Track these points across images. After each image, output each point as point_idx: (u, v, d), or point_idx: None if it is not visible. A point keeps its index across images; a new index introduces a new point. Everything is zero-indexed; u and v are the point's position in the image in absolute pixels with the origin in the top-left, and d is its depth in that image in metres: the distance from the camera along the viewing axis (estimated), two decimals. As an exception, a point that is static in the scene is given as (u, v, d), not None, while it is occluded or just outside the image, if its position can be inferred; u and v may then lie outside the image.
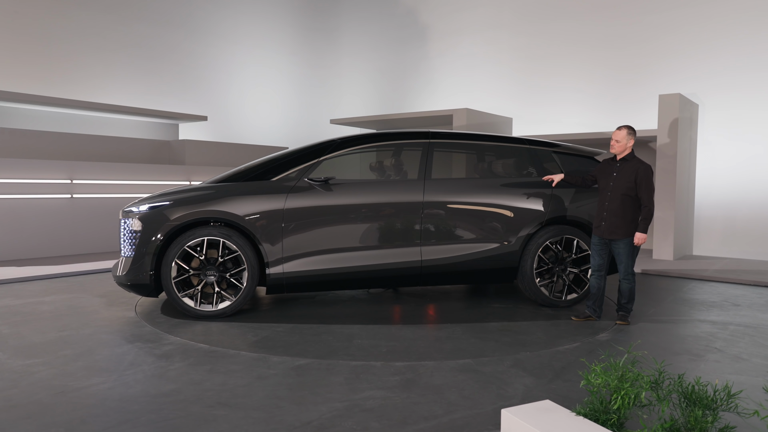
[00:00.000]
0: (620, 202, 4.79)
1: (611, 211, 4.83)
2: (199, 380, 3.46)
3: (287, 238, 5.05)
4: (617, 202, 4.81)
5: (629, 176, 4.80)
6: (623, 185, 4.80)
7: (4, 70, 9.45)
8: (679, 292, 6.50)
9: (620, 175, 4.85)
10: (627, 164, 4.87)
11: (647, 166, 4.84)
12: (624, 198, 4.79)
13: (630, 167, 4.84)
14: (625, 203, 4.79)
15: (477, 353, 4.08)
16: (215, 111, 12.65)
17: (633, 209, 4.80)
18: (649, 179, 4.77)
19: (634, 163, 4.85)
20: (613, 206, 4.82)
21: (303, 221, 5.08)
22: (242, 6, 13.35)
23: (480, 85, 12.69)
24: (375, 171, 5.97)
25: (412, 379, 3.54)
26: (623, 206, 4.79)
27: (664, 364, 3.38)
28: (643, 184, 4.75)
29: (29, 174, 7.96)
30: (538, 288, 5.49)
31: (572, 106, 11.15)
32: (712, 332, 4.72)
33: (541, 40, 11.70)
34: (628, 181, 4.79)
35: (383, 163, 6.08)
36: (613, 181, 4.88)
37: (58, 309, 5.21)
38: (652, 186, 4.78)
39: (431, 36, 13.77)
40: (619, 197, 4.80)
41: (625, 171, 4.84)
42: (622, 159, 4.91)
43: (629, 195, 4.79)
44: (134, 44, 11.30)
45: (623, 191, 4.79)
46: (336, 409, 3.05)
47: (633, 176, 4.78)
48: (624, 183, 4.80)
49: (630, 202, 4.80)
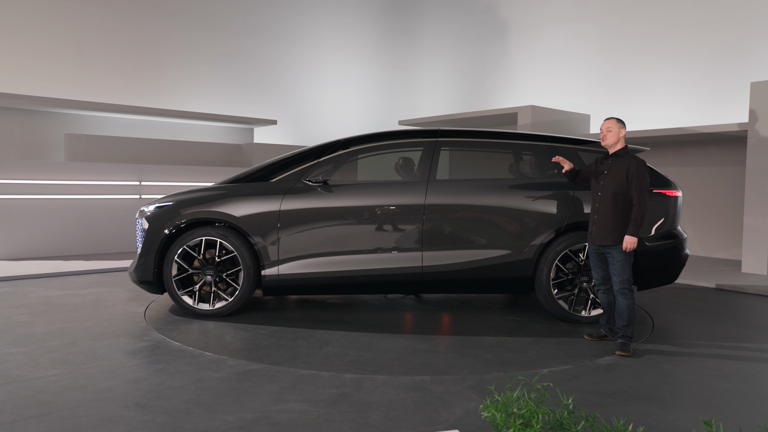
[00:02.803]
0: (611, 202, 4.18)
1: (601, 213, 4.23)
2: (141, 378, 3.50)
3: (283, 239, 4.99)
4: (608, 203, 4.20)
5: (620, 172, 4.17)
6: (614, 183, 4.18)
7: (102, 84, 10.42)
8: (763, 315, 5.58)
9: (611, 172, 4.24)
10: (618, 160, 4.24)
11: (641, 160, 4.19)
12: (615, 198, 4.17)
13: (621, 163, 4.21)
14: (616, 204, 4.17)
15: (442, 370, 3.74)
16: (294, 115, 13.03)
17: (626, 211, 4.18)
18: (642, 174, 4.12)
19: (626, 158, 4.22)
20: (604, 208, 4.22)
21: (299, 223, 5.00)
22: (324, 12, 13.61)
23: (561, 81, 11.89)
24: (399, 171, 5.70)
25: (348, 393, 3.32)
26: (615, 207, 4.18)
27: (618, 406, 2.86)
28: (635, 180, 4.11)
29: (103, 176, 8.67)
30: (556, 301, 4.96)
31: (662, 99, 10.06)
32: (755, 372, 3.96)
33: (628, 29, 10.69)
34: (619, 178, 4.17)
35: (409, 162, 5.80)
36: (603, 179, 4.27)
37: (84, 302, 5.58)
38: (645, 182, 4.13)
39: (511, 31, 13.15)
40: (610, 197, 4.19)
41: (617, 167, 4.22)
42: (613, 154, 4.29)
43: (621, 194, 4.16)
44: (219, 54, 11.94)
45: (614, 190, 4.18)
46: (241, 420, 2.92)
47: (624, 172, 4.15)
48: (615, 181, 4.18)
49: (622, 203, 4.17)
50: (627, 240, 4.12)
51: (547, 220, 4.97)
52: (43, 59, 9.77)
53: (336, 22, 13.87)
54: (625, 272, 4.19)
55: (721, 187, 9.12)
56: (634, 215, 4.13)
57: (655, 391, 3.41)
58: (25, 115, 9.28)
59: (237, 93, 12.27)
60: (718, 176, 9.15)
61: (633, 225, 4.12)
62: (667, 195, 5.14)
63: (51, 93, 9.67)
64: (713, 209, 9.22)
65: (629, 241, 4.12)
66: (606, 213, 4.21)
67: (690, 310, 5.63)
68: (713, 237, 9.22)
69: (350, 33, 14.17)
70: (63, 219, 8.37)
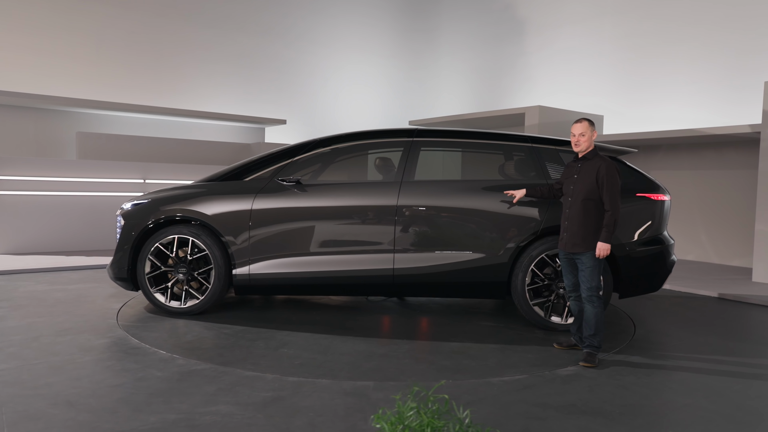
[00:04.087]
0: (581, 208, 3.99)
1: (572, 219, 4.03)
2: (83, 376, 3.49)
3: (254, 239, 4.95)
4: (578, 209, 4.00)
5: (590, 176, 3.97)
6: (584, 188, 3.98)
7: (120, 84, 10.64)
8: (759, 326, 5.29)
9: (581, 176, 4.04)
10: (588, 163, 4.04)
11: (611, 162, 3.99)
12: (586, 203, 3.98)
13: (591, 166, 4.01)
14: (587, 209, 3.98)
15: (391, 376, 3.63)
16: (309, 114, 13.04)
17: (597, 217, 3.97)
18: (612, 178, 3.92)
19: (595, 161, 4.02)
20: (574, 214, 4.02)
21: (271, 222, 4.95)
22: (341, 12, 13.59)
23: (578, 81, 11.57)
24: (379, 171, 5.60)
25: (283, 397, 3.24)
26: (585, 213, 3.98)
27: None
28: (606, 184, 3.91)
29: (109, 174, 8.83)
30: (531, 307, 4.78)
31: (680, 100, 9.67)
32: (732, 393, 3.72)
33: (648, 27, 10.31)
34: (589, 182, 3.97)
35: (387, 163, 5.71)
36: (573, 184, 4.07)
37: (66, 297, 5.65)
38: (617, 186, 3.93)
39: (529, 30, 12.88)
40: (580, 203, 3.99)
41: (586, 171, 4.02)
42: (583, 157, 4.09)
43: (591, 199, 3.96)
44: (235, 55, 12.06)
45: (584, 195, 3.98)
46: (162, 422, 2.88)
47: (594, 176, 3.95)
48: (585, 185, 3.98)
49: (593, 208, 3.97)
50: (600, 247, 3.93)
51: (523, 223, 4.80)
52: (62, 59, 10.03)
53: (353, 22, 13.84)
54: (594, 279, 3.99)
55: (736, 191, 8.70)
56: (607, 221, 3.94)
57: (606, 406, 3.23)
58: (40, 114, 9.53)
59: (252, 93, 12.36)
60: (733, 180, 8.73)
61: (606, 231, 3.93)
62: (652, 199, 4.90)
63: (69, 93, 9.91)
64: (728, 214, 8.80)
65: (602, 248, 3.92)
66: (576, 219, 4.03)
67: (680, 320, 5.36)
68: (728, 244, 8.81)
69: (368, 33, 14.12)
70: (69, 215, 8.55)
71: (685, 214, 9.22)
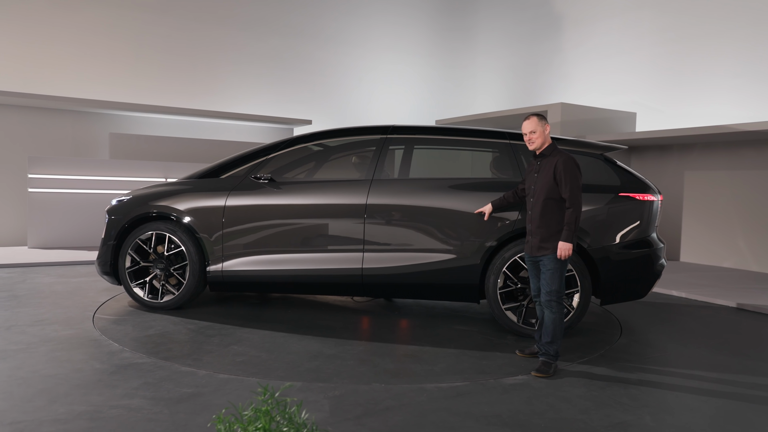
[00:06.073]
0: (542, 208, 3.73)
1: (534, 220, 3.78)
2: (24, 365, 3.59)
3: (227, 236, 4.97)
4: (539, 209, 3.75)
5: (549, 173, 3.71)
6: (544, 187, 3.72)
7: (156, 86, 11.08)
8: (763, 340, 4.83)
9: (540, 175, 3.78)
10: (546, 160, 3.78)
11: (569, 156, 3.70)
12: (547, 203, 3.72)
13: (549, 163, 3.74)
14: (548, 209, 3.72)
15: (323, 378, 3.53)
16: (342, 115, 13.09)
17: (560, 216, 3.70)
18: (571, 173, 3.64)
19: (552, 157, 3.74)
20: (536, 215, 3.77)
21: (243, 220, 4.96)
22: (374, 12, 13.57)
23: (614, 77, 11.02)
24: (356, 169, 5.52)
25: (201, 394, 3.21)
26: (547, 213, 3.72)
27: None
28: (564, 180, 3.63)
29: (134, 173, 9.18)
30: (503, 311, 4.55)
31: (723, 95, 9.01)
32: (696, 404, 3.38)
33: (687, 19, 9.67)
34: (548, 180, 3.70)
35: (365, 161, 5.59)
36: (534, 183, 3.81)
37: (64, 290, 5.88)
38: (576, 181, 3.65)
39: (565, 26, 12.40)
40: (541, 203, 3.73)
41: (545, 168, 3.75)
42: (541, 155, 3.82)
43: (553, 198, 3.70)
44: (268, 57, 12.28)
45: (545, 195, 3.71)
46: (69, 413, 2.90)
47: (552, 172, 3.68)
48: (544, 184, 3.72)
49: (555, 208, 3.71)
50: (561, 247, 3.67)
51: (494, 223, 4.57)
52: (102, 64, 10.53)
53: (388, 22, 13.78)
54: (554, 283, 3.74)
55: (777, 193, 8.00)
56: (568, 219, 3.68)
57: (535, 419, 3.00)
58: (77, 116, 10.03)
59: (285, 94, 12.53)
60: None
61: (567, 230, 3.68)
62: (638, 199, 4.55)
63: (109, 96, 10.40)
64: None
65: (563, 248, 3.67)
66: (538, 221, 3.79)
67: (676, 330, 4.95)
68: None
69: (402, 32, 14.02)
70: (99, 213, 8.94)
71: (721, 217, 8.56)
